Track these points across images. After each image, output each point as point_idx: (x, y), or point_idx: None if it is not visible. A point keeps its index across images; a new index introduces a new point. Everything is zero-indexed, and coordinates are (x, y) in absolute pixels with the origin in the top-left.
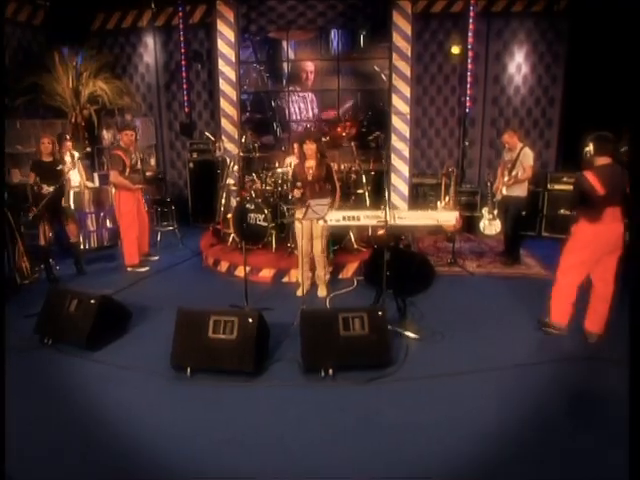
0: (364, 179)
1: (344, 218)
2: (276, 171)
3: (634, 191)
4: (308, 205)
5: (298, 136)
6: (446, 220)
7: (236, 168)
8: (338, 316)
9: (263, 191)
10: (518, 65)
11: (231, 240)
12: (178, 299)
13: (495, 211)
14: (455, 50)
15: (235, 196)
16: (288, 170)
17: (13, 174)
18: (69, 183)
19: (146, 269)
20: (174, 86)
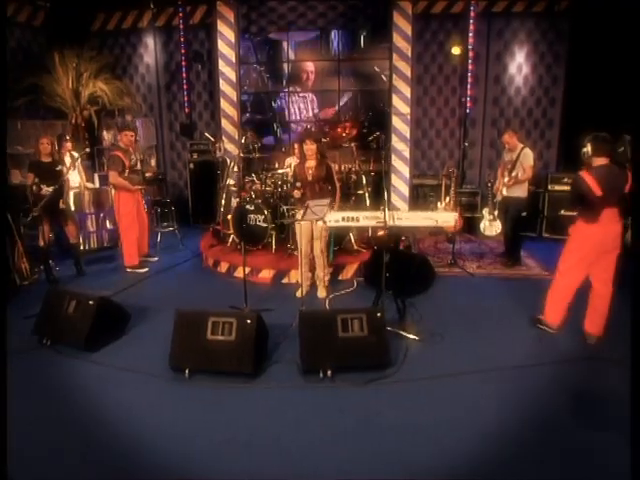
0: (364, 180)
1: (343, 219)
2: (276, 172)
3: (635, 191)
4: (307, 206)
5: (298, 137)
6: (445, 221)
7: (236, 169)
8: (337, 317)
9: (263, 192)
10: (519, 65)
11: (231, 241)
12: (177, 300)
13: (496, 212)
14: (456, 50)
15: (235, 197)
16: (288, 171)
17: (13, 175)
18: (68, 184)
19: (146, 270)
20: (174, 87)
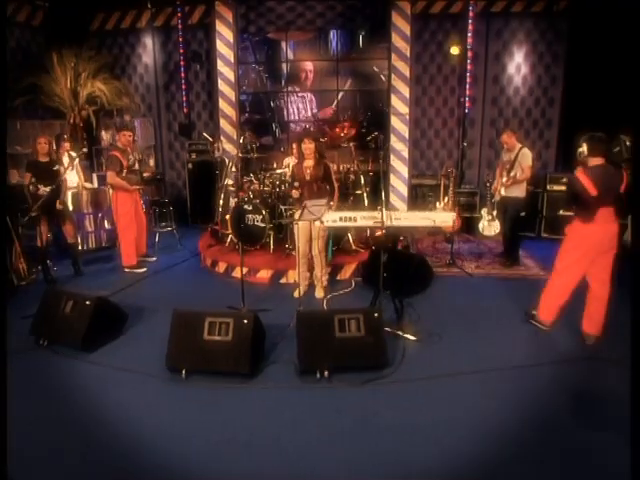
0: (362, 180)
1: (341, 219)
2: (274, 172)
3: (635, 191)
4: (304, 206)
5: (297, 136)
6: (443, 221)
7: (234, 169)
8: (334, 317)
9: (261, 192)
10: (517, 65)
11: (229, 241)
12: (175, 300)
13: (494, 212)
14: (454, 50)
15: (234, 197)
16: (286, 171)
17: (11, 175)
18: (65, 184)
19: (144, 270)
20: (173, 87)
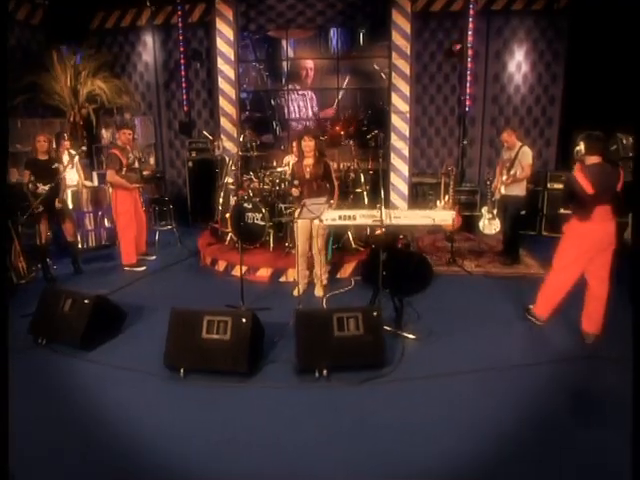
0: (362, 178)
1: (340, 217)
2: (274, 170)
3: (635, 190)
4: (303, 204)
5: (297, 134)
6: (442, 219)
7: (234, 168)
8: (333, 316)
9: (261, 190)
10: (518, 63)
11: (229, 239)
12: (174, 299)
13: (495, 210)
14: (455, 48)
15: (234, 195)
16: (286, 169)
17: (11, 173)
18: (64, 182)
19: (143, 268)
20: (173, 85)
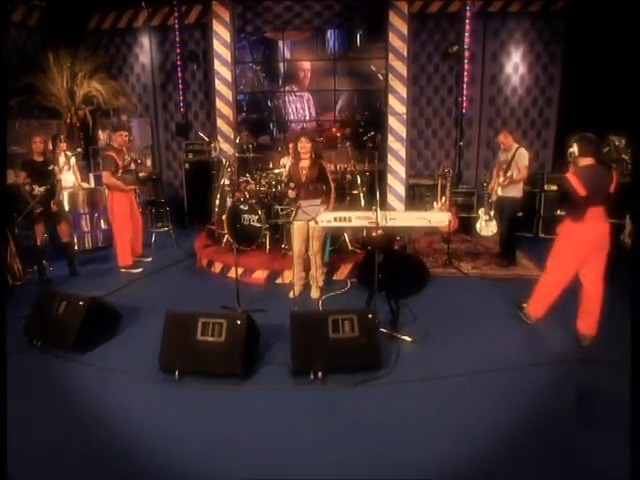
0: (359, 180)
1: (335, 219)
2: (271, 172)
3: (635, 191)
4: (299, 206)
5: (294, 136)
6: (438, 221)
7: (231, 169)
8: (328, 318)
9: (257, 192)
10: (515, 65)
11: (225, 241)
12: (170, 301)
13: (492, 212)
14: (451, 50)
15: (230, 197)
16: (283, 171)
17: (7, 174)
18: (60, 184)
19: (139, 270)
20: (170, 86)
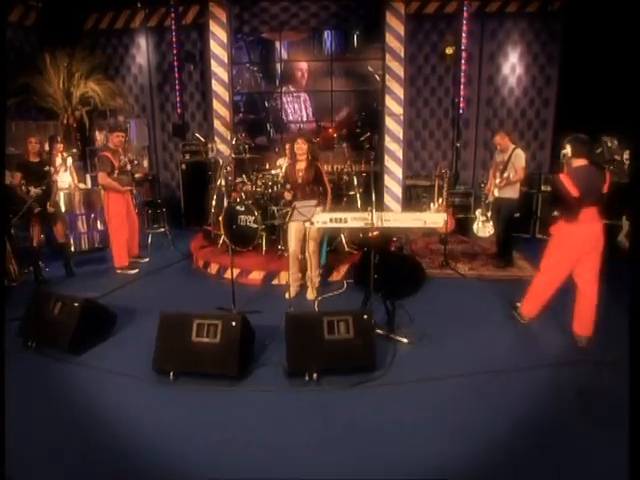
0: (355, 181)
1: (331, 220)
2: (267, 172)
3: (634, 191)
4: (294, 207)
5: (291, 137)
6: (434, 222)
7: (228, 169)
8: (323, 319)
9: (253, 193)
10: (512, 66)
11: (222, 242)
12: (166, 302)
13: (489, 213)
14: (449, 51)
15: (227, 197)
16: (279, 172)
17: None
18: (56, 185)
19: (135, 271)
20: (167, 87)
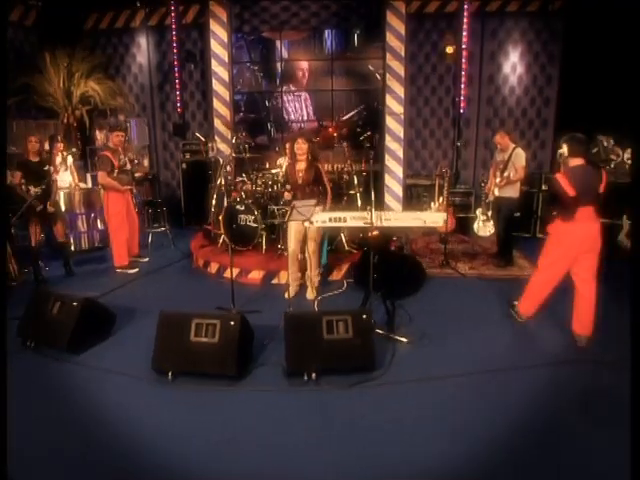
0: (356, 180)
1: (330, 219)
2: (267, 172)
3: (635, 191)
4: (293, 206)
5: (291, 137)
6: (433, 221)
7: (228, 168)
8: (322, 319)
9: (253, 192)
10: (513, 65)
11: (221, 241)
12: (165, 301)
13: (489, 212)
14: (449, 50)
15: (227, 197)
16: (279, 171)
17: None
18: (56, 185)
19: (135, 271)
20: (167, 86)
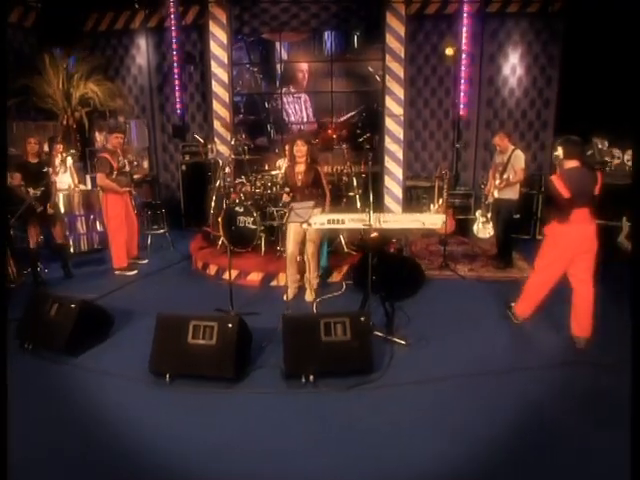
0: (355, 182)
1: (329, 221)
2: (270, 173)
3: (635, 192)
4: (291, 208)
5: (290, 138)
6: (432, 223)
7: (227, 170)
8: (320, 321)
9: (252, 194)
10: (513, 66)
11: (220, 243)
12: (164, 303)
13: (488, 214)
14: (449, 52)
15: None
16: (279, 173)
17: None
18: (55, 186)
19: (134, 273)
20: (167, 88)
